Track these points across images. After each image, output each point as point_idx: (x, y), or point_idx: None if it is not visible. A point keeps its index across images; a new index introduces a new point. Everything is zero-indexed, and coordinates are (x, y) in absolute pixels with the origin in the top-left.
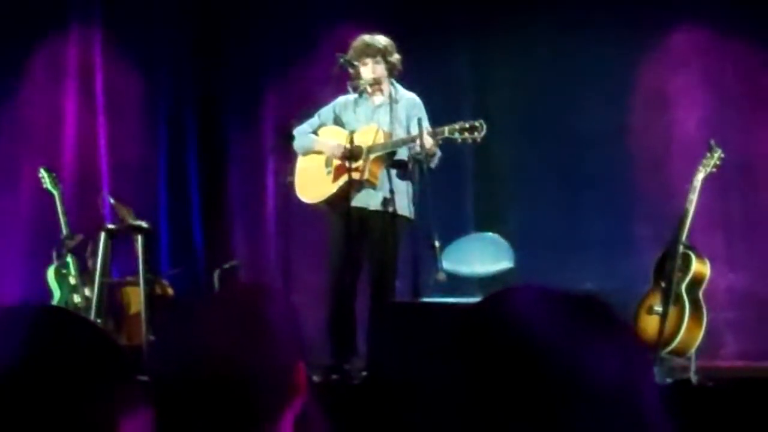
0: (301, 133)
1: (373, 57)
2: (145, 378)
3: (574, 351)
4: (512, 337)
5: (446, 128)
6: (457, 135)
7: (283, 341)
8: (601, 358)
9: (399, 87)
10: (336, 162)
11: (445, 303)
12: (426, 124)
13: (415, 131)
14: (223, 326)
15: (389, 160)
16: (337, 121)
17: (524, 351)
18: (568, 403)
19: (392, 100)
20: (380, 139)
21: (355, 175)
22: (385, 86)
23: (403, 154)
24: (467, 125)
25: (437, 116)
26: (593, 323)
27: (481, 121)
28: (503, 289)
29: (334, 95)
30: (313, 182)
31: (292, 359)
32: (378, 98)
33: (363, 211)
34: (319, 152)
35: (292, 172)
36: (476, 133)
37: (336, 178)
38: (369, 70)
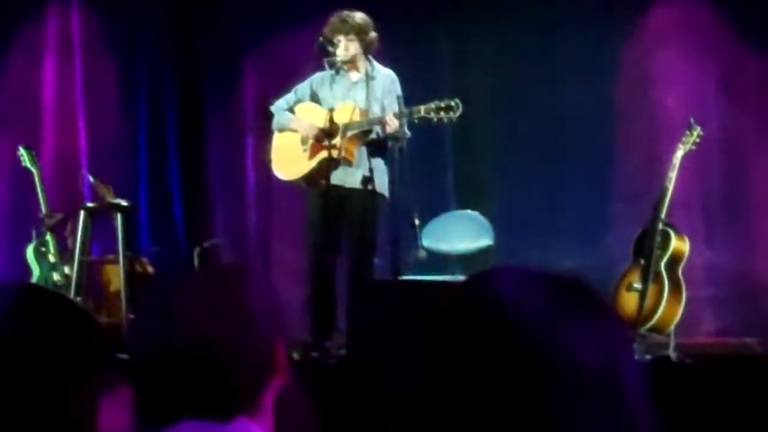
0: (278, 110)
1: (346, 35)
2: (124, 356)
3: (555, 332)
4: (492, 318)
5: (422, 108)
6: (432, 114)
7: (262, 321)
8: (582, 339)
9: (376, 64)
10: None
11: (424, 281)
12: (401, 102)
13: (390, 108)
14: (203, 305)
15: (365, 138)
16: (314, 98)
17: (504, 332)
18: (548, 384)
19: (368, 77)
20: (357, 117)
21: (332, 153)
22: (361, 63)
23: (379, 132)
24: (443, 105)
25: (416, 94)
26: (573, 304)
27: (457, 100)
28: (483, 271)
29: (314, 72)
30: (289, 159)
31: (271, 338)
32: (354, 75)
33: (340, 189)
34: (295, 131)
35: (269, 149)
36: (452, 113)
37: (312, 156)
38: (342, 47)
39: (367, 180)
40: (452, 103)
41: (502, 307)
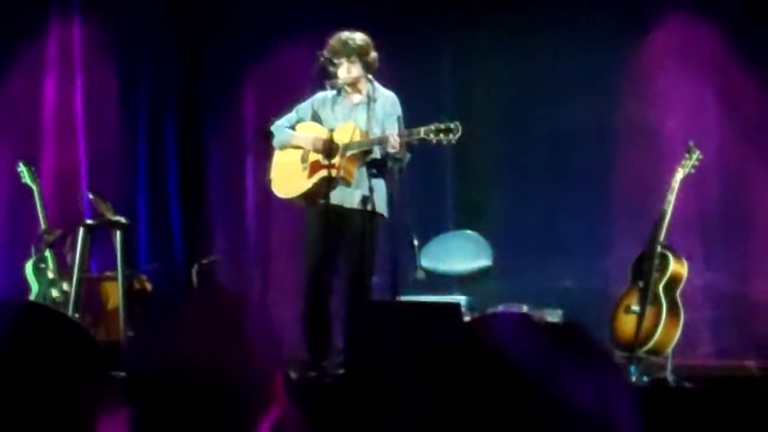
0: (279, 128)
1: (348, 57)
2: (122, 374)
3: (553, 377)
4: (493, 362)
5: (421, 129)
6: (432, 136)
7: (259, 350)
8: (579, 385)
9: (377, 85)
10: (312, 158)
11: (423, 301)
12: (401, 123)
13: (390, 129)
14: (201, 334)
15: (365, 158)
16: (315, 117)
17: (504, 376)
18: (545, 428)
19: (370, 99)
20: (357, 138)
21: (331, 172)
22: (363, 85)
23: (378, 152)
24: (442, 126)
25: (418, 114)
26: (572, 350)
27: (457, 123)
28: (485, 315)
29: (315, 92)
30: (288, 178)
31: (268, 368)
32: (356, 97)
33: (339, 209)
34: (297, 146)
35: (269, 169)
36: (451, 135)
37: (311, 174)
38: (345, 70)
39: (366, 200)
40: (452, 126)
41: (501, 350)
